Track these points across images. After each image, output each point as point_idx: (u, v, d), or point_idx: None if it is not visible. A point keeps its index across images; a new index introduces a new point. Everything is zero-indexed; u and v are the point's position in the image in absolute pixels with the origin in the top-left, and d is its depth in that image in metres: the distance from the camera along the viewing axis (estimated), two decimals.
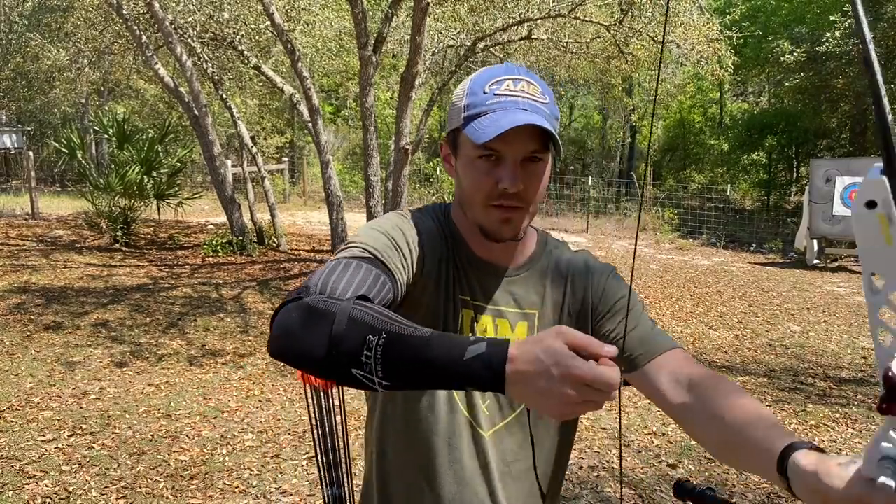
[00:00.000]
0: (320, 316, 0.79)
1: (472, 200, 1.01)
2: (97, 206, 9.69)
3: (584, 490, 3.30)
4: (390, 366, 0.75)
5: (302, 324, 0.80)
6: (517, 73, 1.00)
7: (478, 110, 0.97)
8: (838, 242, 11.46)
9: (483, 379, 0.73)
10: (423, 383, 0.77)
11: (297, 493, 3.21)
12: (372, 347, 0.76)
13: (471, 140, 0.96)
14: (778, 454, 0.78)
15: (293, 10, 10.09)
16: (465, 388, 0.76)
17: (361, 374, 0.76)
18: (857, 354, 5.98)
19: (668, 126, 25.56)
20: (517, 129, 0.92)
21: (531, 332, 1.06)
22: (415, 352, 0.76)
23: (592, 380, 0.68)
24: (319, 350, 0.78)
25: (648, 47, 9.51)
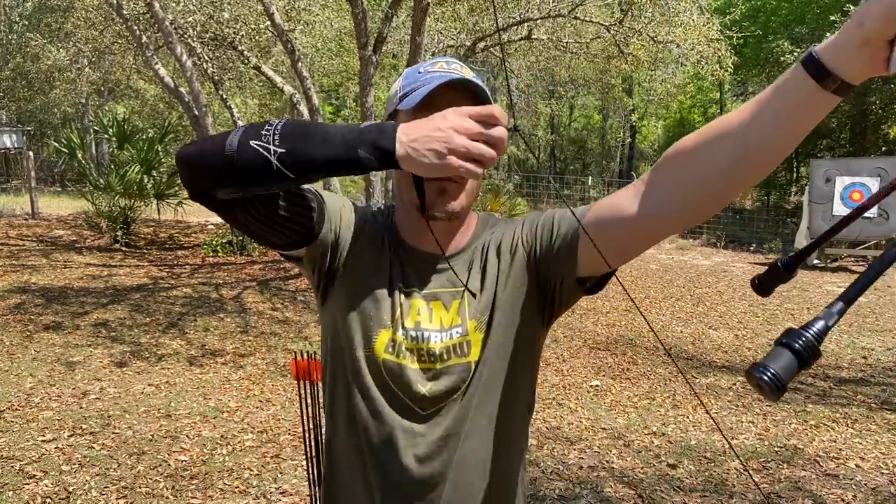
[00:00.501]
0: (229, 131, 0.85)
1: (406, 180, 0.99)
2: (97, 206, 9.69)
3: (584, 490, 3.30)
4: (287, 134, 0.81)
5: (214, 135, 0.87)
6: (450, 59, 1.03)
7: (411, 87, 0.99)
8: (838, 242, 11.47)
9: (378, 137, 0.80)
10: (318, 151, 0.80)
11: (297, 493, 3.21)
12: (273, 123, 0.82)
13: (405, 114, 0.97)
14: (802, 69, 0.68)
15: (293, 10, 10.09)
16: (358, 156, 0.80)
17: (258, 143, 0.80)
18: (858, 354, 5.98)
19: (668, 126, 25.57)
20: (451, 101, 0.91)
21: (462, 307, 1.03)
22: (314, 124, 0.84)
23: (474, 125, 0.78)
24: (224, 138, 0.83)
25: (648, 47, 9.51)
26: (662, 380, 5.15)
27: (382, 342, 1.02)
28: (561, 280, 1.01)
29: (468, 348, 1.02)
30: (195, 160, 0.86)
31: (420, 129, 0.80)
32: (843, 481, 3.46)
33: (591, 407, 4.51)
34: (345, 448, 1.07)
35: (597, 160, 25.41)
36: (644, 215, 0.86)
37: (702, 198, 0.82)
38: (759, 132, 0.74)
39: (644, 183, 0.87)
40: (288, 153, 0.80)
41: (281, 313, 6.59)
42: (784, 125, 0.73)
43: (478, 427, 1.03)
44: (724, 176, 0.78)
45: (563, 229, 0.98)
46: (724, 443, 3.93)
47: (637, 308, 1.11)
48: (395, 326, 1.02)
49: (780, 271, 0.77)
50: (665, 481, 3.42)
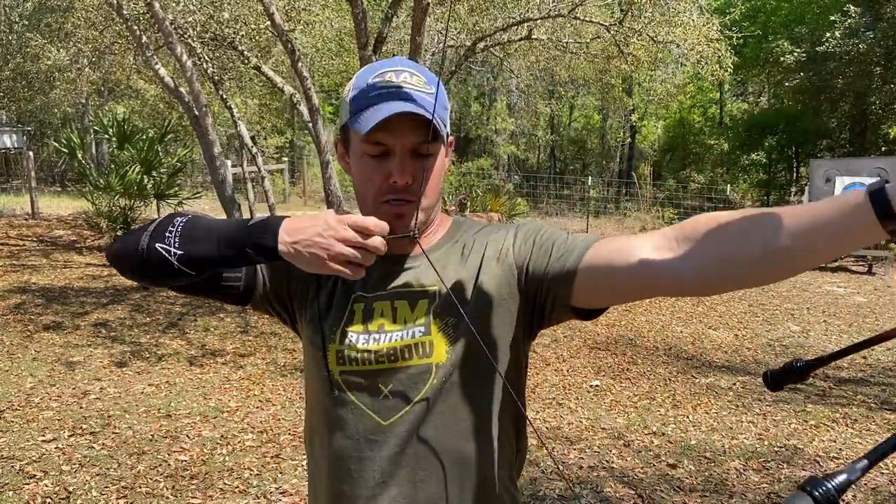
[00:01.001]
0: (151, 222, 0.95)
1: (363, 198, 1.00)
2: (97, 206, 9.68)
3: (584, 490, 3.30)
4: (186, 236, 0.89)
5: (139, 227, 0.96)
6: (399, 64, 0.99)
7: (363, 103, 0.96)
8: None
9: (262, 237, 0.87)
10: (212, 251, 0.89)
11: (297, 493, 3.21)
12: (176, 224, 0.91)
13: (357, 132, 0.96)
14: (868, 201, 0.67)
15: (293, 10, 10.09)
16: (246, 253, 0.88)
17: (162, 246, 0.89)
18: (858, 354, 5.98)
19: (668, 126, 25.57)
20: (401, 120, 0.91)
21: (431, 307, 1.00)
22: (210, 224, 0.91)
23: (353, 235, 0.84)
24: (139, 238, 0.92)
25: (648, 47, 9.51)
26: (662, 380, 5.15)
27: (333, 357, 1.02)
28: (552, 303, 0.99)
29: (430, 348, 0.98)
30: (118, 259, 0.97)
31: (303, 232, 0.85)
32: None
33: (591, 407, 4.52)
34: (318, 465, 1.08)
35: (597, 160, 25.40)
36: (658, 273, 0.85)
37: (723, 278, 0.82)
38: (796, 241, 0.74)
39: (666, 240, 0.86)
40: (186, 254, 0.89)
41: None
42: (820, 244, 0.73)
43: (446, 435, 0.98)
44: (752, 267, 0.79)
45: (562, 259, 0.95)
46: (724, 443, 3.93)
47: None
48: (343, 337, 1.01)
49: (794, 373, 0.83)
50: (665, 481, 3.42)
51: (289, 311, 1.10)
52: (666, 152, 24.92)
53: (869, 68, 15.18)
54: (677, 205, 16.16)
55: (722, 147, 21.43)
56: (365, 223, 0.84)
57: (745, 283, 0.82)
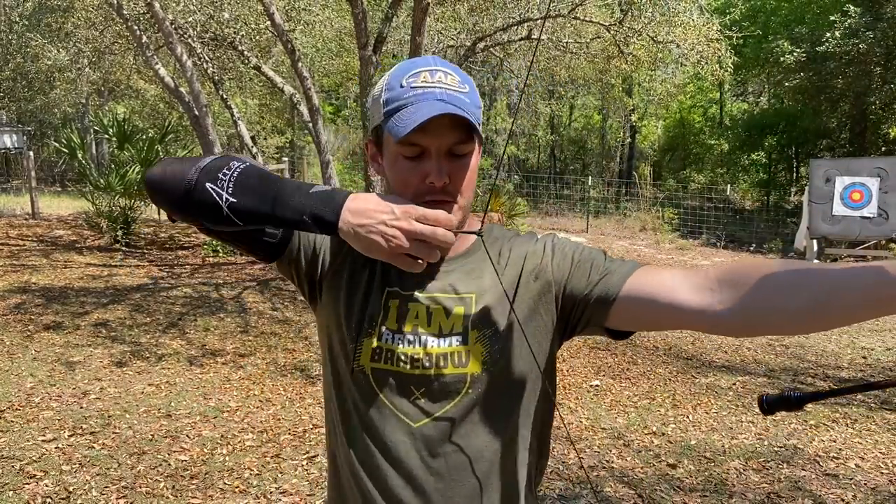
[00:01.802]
0: (202, 157, 0.90)
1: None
2: (97, 206, 9.69)
3: (584, 490, 3.30)
4: (241, 184, 0.85)
5: (183, 158, 0.91)
6: (434, 63, 0.97)
7: (397, 104, 0.94)
8: (838, 242, 11.47)
9: (324, 209, 0.84)
10: (265, 208, 0.85)
11: (297, 493, 3.21)
12: (232, 168, 0.86)
13: (394, 142, 0.94)
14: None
15: (293, 10, 10.09)
16: (303, 221, 0.85)
17: (213, 188, 0.85)
18: (857, 354, 5.98)
19: (668, 126, 25.58)
20: (438, 121, 0.90)
21: (467, 316, 0.99)
22: (267, 179, 0.87)
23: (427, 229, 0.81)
24: (186, 170, 0.87)
25: (648, 47, 9.51)
26: (662, 380, 5.15)
27: (367, 352, 0.99)
28: (587, 322, 1.00)
29: (466, 358, 0.98)
30: (157, 185, 0.92)
31: (368, 215, 0.83)
32: (842, 481, 3.46)
33: (591, 407, 4.52)
34: (343, 460, 1.04)
35: (597, 160, 25.40)
36: (699, 316, 0.87)
37: (762, 327, 0.85)
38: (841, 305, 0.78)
39: (709, 281, 0.88)
40: (238, 203, 0.85)
41: (281, 313, 6.59)
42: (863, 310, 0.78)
43: (475, 444, 0.98)
44: (792, 322, 0.82)
45: (602, 283, 0.97)
46: (724, 442, 3.94)
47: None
48: (379, 333, 0.99)
49: (791, 403, 0.86)
50: (665, 481, 3.42)
51: (313, 283, 1.06)
52: (666, 152, 24.93)
53: (869, 68, 15.18)
54: (677, 205, 16.16)
55: (722, 147, 21.42)
56: (436, 216, 0.83)
57: (781, 333, 0.86)
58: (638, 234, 14.76)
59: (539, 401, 1.04)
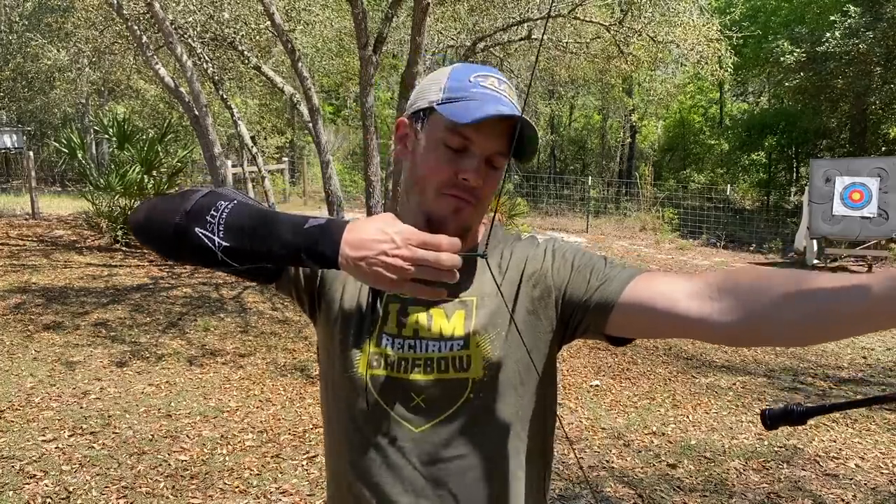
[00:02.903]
0: (186, 193, 0.86)
1: (424, 185, 0.97)
2: (97, 206, 9.69)
3: (584, 490, 3.30)
4: (231, 226, 0.81)
5: (166, 198, 0.87)
6: (499, 74, 0.99)
7: (460, 94, 0.94)
8: (838, 242, 11.47)
9: (320, 243, 0.80)
10: (260, 248, 0.81)
11: (297, 493, 3.21)
12: (220, 208, 0.82)
13: (446, 120, 0.93)
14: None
15: (293, 10, 10.10)
16: (300, 258, 0.81)
17: (203, 232, 0.81)
18: (857, 354, 5.98)
19: (668, 126, 25.58)
20: (493, 124, 0.91)
21: (468, 318, 0.98)
22: (259, 216, 0.83)
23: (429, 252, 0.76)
24: (171, 214, 0.84)
25: (648, 47, 9.51)
26: (662, 380, 5.15)
27: (367, 358, 0.98)
28: (586, 328, 1.00)
29: (467, 363, 0.97)
30: (143, 232, 0.88)
31: (367, 247, 0.78)
32: (842, 481, 3.46)
33: (590, 407, 4.52)
34: (341, 467, 1.03)
35: (597, 160, 25.40)
36: (697, 324, 0.86)
37: (760, 338, 0.85)
38: (839, 316, 0.78)
39: (709, 289, 0.87)
40: (231, 247, 0.81)
41: (281, 313, 6.59)
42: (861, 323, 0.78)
43: (478, 449, 0.97)
44: (789, 332, 0.81)
45: (602, 289, 0.96)
46: (724, 442, 3.93)
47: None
48: (379, 338, 0.98)
49: (792, 417, 0.87)
50: (665, 481, 3.42)
51: (313, 294, 1.05)
52: (666, 152, 24.93)
53: (869, 68, 15.17)
54: (677, 205, 16.16)
55: (722, 147, 21.42)
56: (438, 241, 0.78)
57: (780, 345, 0.86)
58: (638, 234, 14.76)
59: (540, 405, 1.03)
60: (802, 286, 0.81)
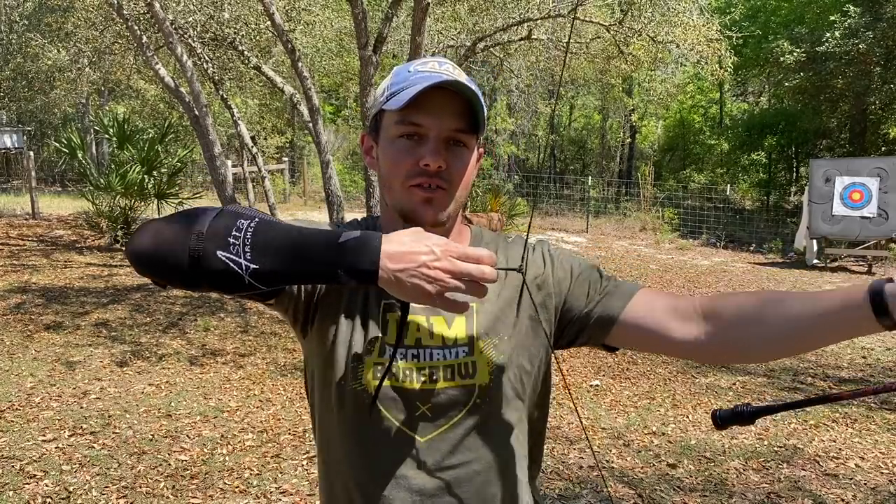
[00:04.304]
0: (190, 212, 0.77)
1: (391, 182, 0.95)
2: (97, 206, 9.69)
3: (583, 490, 3.30)
4: (260, 246, 0.73)
5: (169, 221, 0.77)
6: (442, 59, 0.98)
7: (400, 86, 0.92)
8: (838, 242, 11.47)
9: (359, 259, 0.74)
10: (294, 268, 0.75)
11: (297, 493, 3.21)
12: (242, 228, 0.74)
13: (395, 114, 0.92)
14: (867, 299, 0.77)
15: (293, 10, 10.10)
16: (337, 276, 0.75)
17: (227, 256, 0.72)
18: (857, 354, 5.98)
19: (668, 126, 25.58)
20: (440, 104, 0.90)
21: (469, 324, 0.97)
22: (288, 234, 0.76)
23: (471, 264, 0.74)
24: (183, 238, 0.74)
25: (648, 47, 9.51)
26: (662, 380, 5.15)
27: (370, 369, 0.95)
28: (586, 339, 1.02)
29: (473, 369, 0.96)
30: (150, 260, 0.78)
31: (407, 259, 0.75)
32: (842, 481, 3.46)
33: (590, 407, 4.52)
34: (341, 482, 1.00)
35: (597, 160, 25.40)
36: (683, 342, 0.94)
37: (738, 353, 0.94)
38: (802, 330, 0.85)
39: (694, 311, 0.94)
40: (261, 269, 0.74)
41: None
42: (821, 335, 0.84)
43: (483, 453, 0.97)
44: (767, 347, 0.89)
45: (603, 304, 0.99)
46: (724, 442, 3.94)
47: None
48: (383, 349, 0.96)
49: (744, 417, 0.92)
50: (665, 481, 3.42)
51: (310, 306, 0.99)
52: (666, 152, 24.93)
53: (869, 68, 15.18)
54: (677, 205, 16.16)
55: (722, 147, 21.43)
56: (478, 254, 0.76)
57: (758, 361, 0.96)
58: (638, 234, 14.76)
59: (538, 410, 1.05)
60: (775, 305, 0.87)
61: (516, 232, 11.14)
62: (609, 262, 10.94)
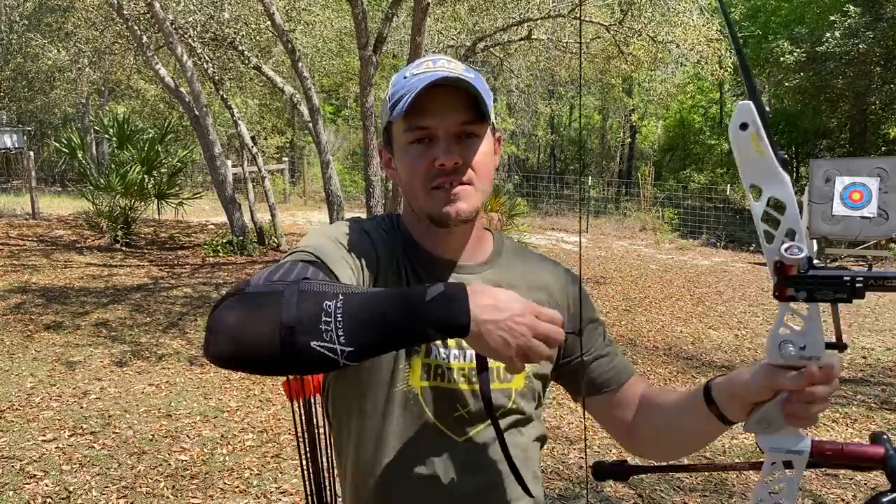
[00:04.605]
0: (264, 298, 0.72)
1: (413, 189, 0.96)
2: (97, 205, 9.69)
3: (583, 490, 3.31)
4: (353, 327, 0.71)
5: (245, 312, 0.72)
6: (436, 55, 0.98)
7: (400, 94, 0.93)
8: (838, 242, 11.47)
9: (451, 313, 0.73)
10: (388, 338, 0.73)
11: (297, 493, 3.21)
12: (331, 312, 0.71)
13: (402, 123, 0.93)
14: (702, 393, 0.89)
15: (293, 10, 10.10)
16: (428, 335, 0.74)
17: (321, 345, 0.70)
18: (857, 354, 5.98)
19: (668, 126, 25.58)
20: (442, 102, 0.90)
21: None
22: (374, 305, 0.73)
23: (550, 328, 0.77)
24: (270, 335, 0.71)
25: (648, 47, 9.52)
26: (662, 380, 5.15)
27: (417, 371, 0.96)
28: (566, 381, 1.12)
29: (511, 374, 0.98)
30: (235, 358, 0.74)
31: (497, 311, 0.74)
32: (842, 481, 3.46)
33: None
34: (374, 479, 0.98)
35: (597, 160, 25.41)
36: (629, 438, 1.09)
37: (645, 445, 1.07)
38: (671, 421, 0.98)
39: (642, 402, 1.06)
40: (357, 350, 0.71)
41: None
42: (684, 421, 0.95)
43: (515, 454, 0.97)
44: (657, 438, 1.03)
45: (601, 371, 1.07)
46: (724, 442, 3.94)
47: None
48: (428, 349, 0.96)
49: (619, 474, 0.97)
50: (665, 481, 3.42)
51: None
52: (666, 152, 24.93)
53: (869, 68, 15.18)
54: (677, 205, 16.16)
55: (722, 147, 21.43)
56: (551, 314, 0.78)
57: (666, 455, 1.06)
58: (638, 234, 14.76)
59: (541, 413, 1.11)
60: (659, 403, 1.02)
61: (516, 232, 11.14)
62: (609, 262, 10.94)
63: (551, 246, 12.19)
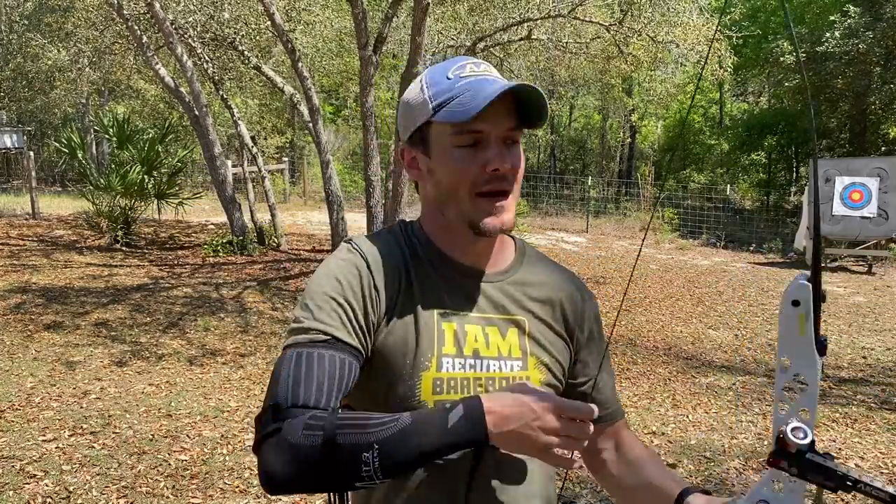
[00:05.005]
0: (309, 457, 0.79)
1: (455, 194, 0.94)
2: (97, 205, 9.69)
3: (583, 490, 3.31)
4: (389, 468, 0.80)
5: (297, 470, 0.80)
6: (472, 59, 0.98)
7: (448, 96, 0.91)
8: (838, 242, 11.47)
9: (471, 436, 0.80)
10: (416, 465, 0.83)
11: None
12: (369, 463, 0.79)
13: (449, 126, 0.91)
14: (674, 498, 0.94)
15: (293, 10, 10.10)
16: (455, 457, 0.83)
17: (363, 484, 0.80)
18: (857, 354, 5.99)
19: (668, 126, 25.59)
20: (496, 106, 0.89)
21: (522, 339, 0.99)
22: (407, 446, 0.80)
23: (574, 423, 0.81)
24: (321, 486, 0.83)
25: (648, 47, 9.52)
26: (662, 380, 5.15)
27: (428, 385, 0.94)
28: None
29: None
30: (291, 493, 0.90)
31: (511, 421, 0.80)
32: None
33: None
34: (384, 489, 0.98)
35: (597, 160, 25.40)
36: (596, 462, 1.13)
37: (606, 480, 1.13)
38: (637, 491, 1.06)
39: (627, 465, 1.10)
40: (392, 476, 0.81)
41: (281, 313, 6.59)
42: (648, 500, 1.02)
43: (531, 465, 0.98)
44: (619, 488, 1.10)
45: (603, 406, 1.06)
46: (724, 442, 3.94)
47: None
48: (439, 363, 0.94)
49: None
50: None
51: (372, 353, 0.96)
52: (666, 152, 24.93)
53: (869, 68, 15.18)
54: (677, 205, 16.15)
55: (722, 147, 21.43)
56: (577, 407, 0.81)
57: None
58: (638, 234, 14.76)
59: None
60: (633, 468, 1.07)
61: (516, 232, 11.13)
62: (609, 262, 10.94)
63: (551, 246, 12.19)
